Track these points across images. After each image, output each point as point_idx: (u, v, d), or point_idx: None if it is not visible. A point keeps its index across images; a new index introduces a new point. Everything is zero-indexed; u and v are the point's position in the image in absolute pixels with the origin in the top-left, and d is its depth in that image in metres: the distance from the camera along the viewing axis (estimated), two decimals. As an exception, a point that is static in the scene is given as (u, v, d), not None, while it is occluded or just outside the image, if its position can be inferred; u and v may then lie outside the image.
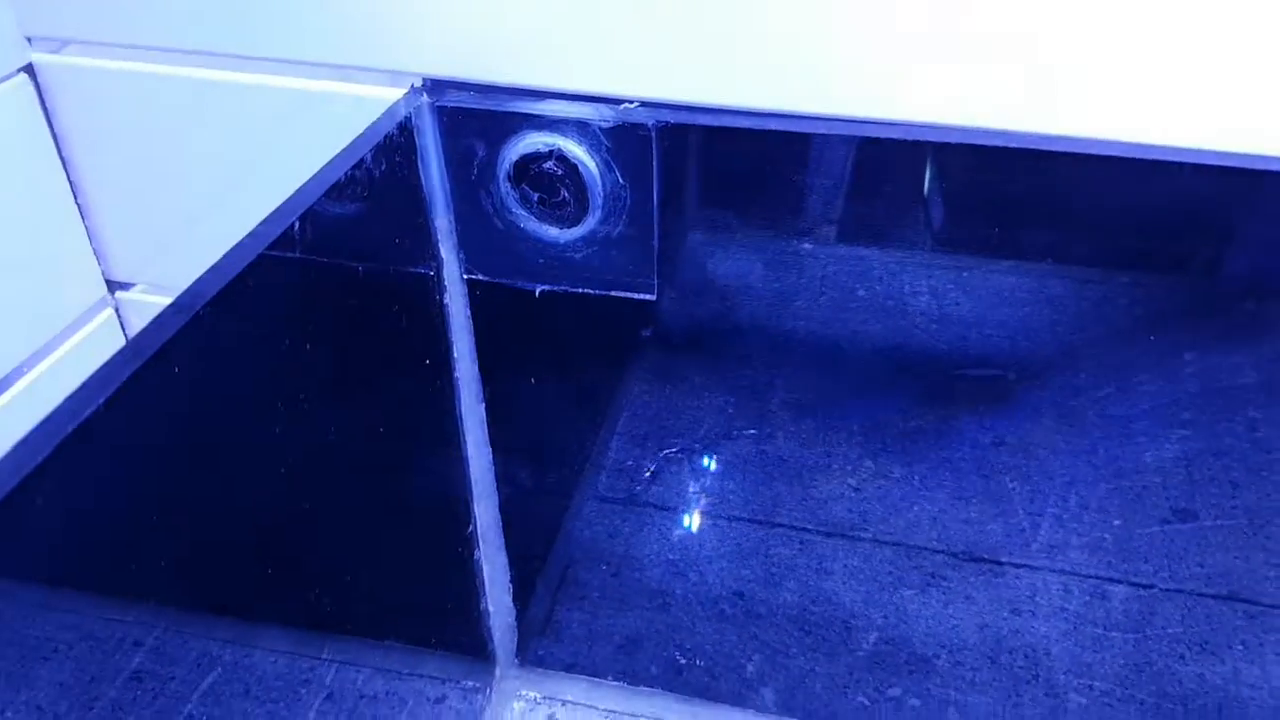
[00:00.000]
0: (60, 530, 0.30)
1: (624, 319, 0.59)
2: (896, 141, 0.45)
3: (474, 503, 0.61)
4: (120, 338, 0.61)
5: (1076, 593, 0.64)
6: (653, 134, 0.46)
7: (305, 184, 0.41)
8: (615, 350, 0.66)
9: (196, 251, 0.36)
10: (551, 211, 0.49)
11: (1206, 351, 0.59)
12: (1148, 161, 0.43)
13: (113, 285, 0.59)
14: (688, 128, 0.46)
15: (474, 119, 0.48)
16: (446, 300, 0.53)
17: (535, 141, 0.48)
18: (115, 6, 0.49)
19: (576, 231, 0.50)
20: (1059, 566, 0.64)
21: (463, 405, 0.57)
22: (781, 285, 0.59)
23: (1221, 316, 0.58)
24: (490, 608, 0.66)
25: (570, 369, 0.61)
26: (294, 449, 0.43)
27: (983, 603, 0.64)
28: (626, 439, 0.67)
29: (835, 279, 0.59)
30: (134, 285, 0.59)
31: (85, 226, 0.56)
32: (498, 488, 0.62)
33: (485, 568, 0.64)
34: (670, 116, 0.46)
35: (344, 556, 0.49)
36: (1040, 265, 0.58)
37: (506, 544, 0.64)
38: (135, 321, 0.60)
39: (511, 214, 0.50)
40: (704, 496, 0.67)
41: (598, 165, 0.48)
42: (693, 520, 0.68)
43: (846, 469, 0.66)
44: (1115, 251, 0.56)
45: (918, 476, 0.65)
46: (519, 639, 0.69)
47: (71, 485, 0.29)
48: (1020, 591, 0.64)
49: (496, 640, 0.67)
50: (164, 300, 0.38)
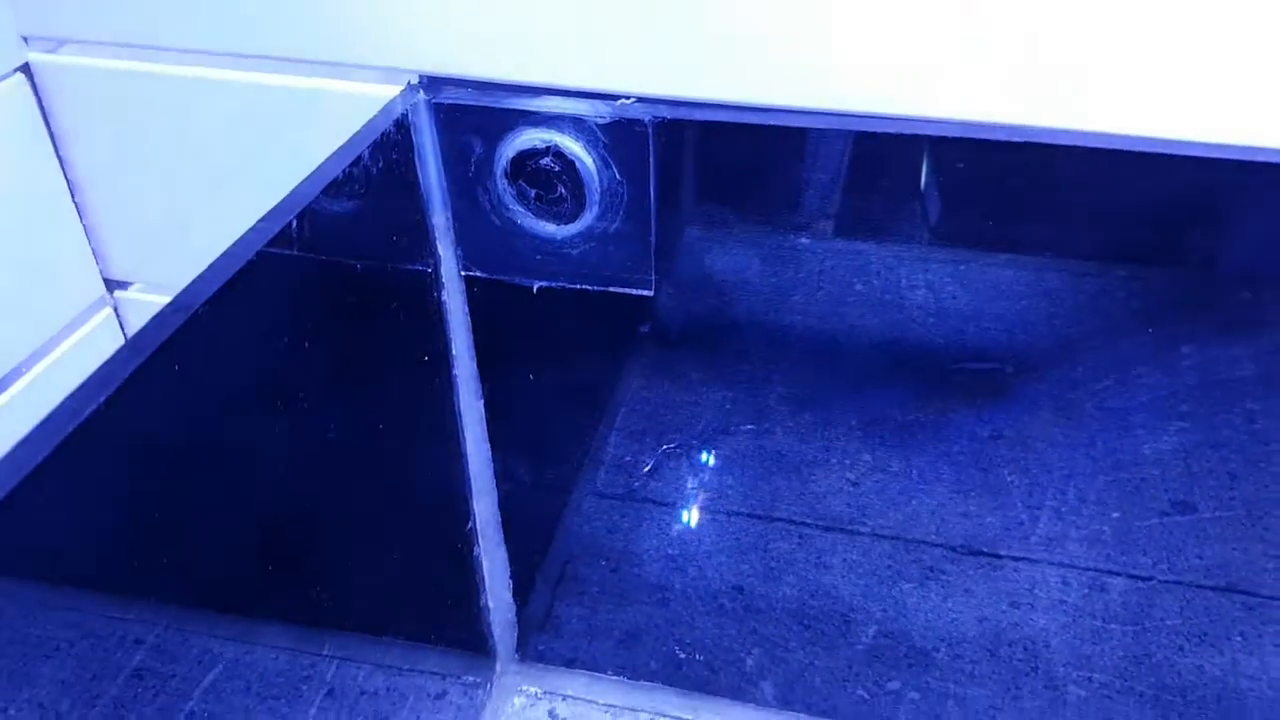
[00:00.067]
0: (61, 529, 0.30)
1: (621, 315, 0.59)
2: (893, 136, 0.45)
3: (473, 499, 0.61)
4: (119, 337, 0.61)
5: (1075, 585, 0.64)
6: (649, 130, 0.46)
7: (302, 182, 0.41)
8: (613, 346, 0.66)
9: (194, 250, 0.36)
10: (549, 208, 0.49)
11: (1204, 344, 0.59)
12: (1145, 154, 0.43)
13: (111, 284, 0.59)
14: (684, 123, 0.46)
15: (471, 115, 0.48)
16: (444, 297, 0.53)
17: (532, 138, 0.48)
18: (111, 6, 0.49)
19: (574, 227, 0.50)
20: (1057, 559, 0.64)
21: (461, 401, 0.57)
22: (779, 280, 0.59)
23: (1219, 309, 0.58)
24: (490, 603, 0.66)
25: (568, 365, 0.61)
26: (293, 446, 0.43)
27: (981, 596, 0.65)
28: (625, 434, 0.67)
29: (832, 274, 0.59)
30: (132, 284, 0.59)
31: (83, 226, 0.56)
32: (497, 484, 0.62)
33: (485, 564, 0.64)
34: (667, 112, 0.46)
35: (344, 553, 0.49)
36: (1037, 258, 0.58)
37: (506, 540, 0.64)
38: (134, 320, 0.60)
39: (509, 210, 0.50)
40: (702, 491, 0.67)
41: (595, 161, 0.48)
42: (691, 515, 0.68)
43: (845, 463, 0.66)
44: (1112, 244, 0.56)
45: (916, 470, 0.65)
46: (519, 634, 0.69)
47: (71, 484, 0.29)
48: (1019, 584, 0.64)
49: (496, 636, 0.67)
50: (162, 299, 0.38)
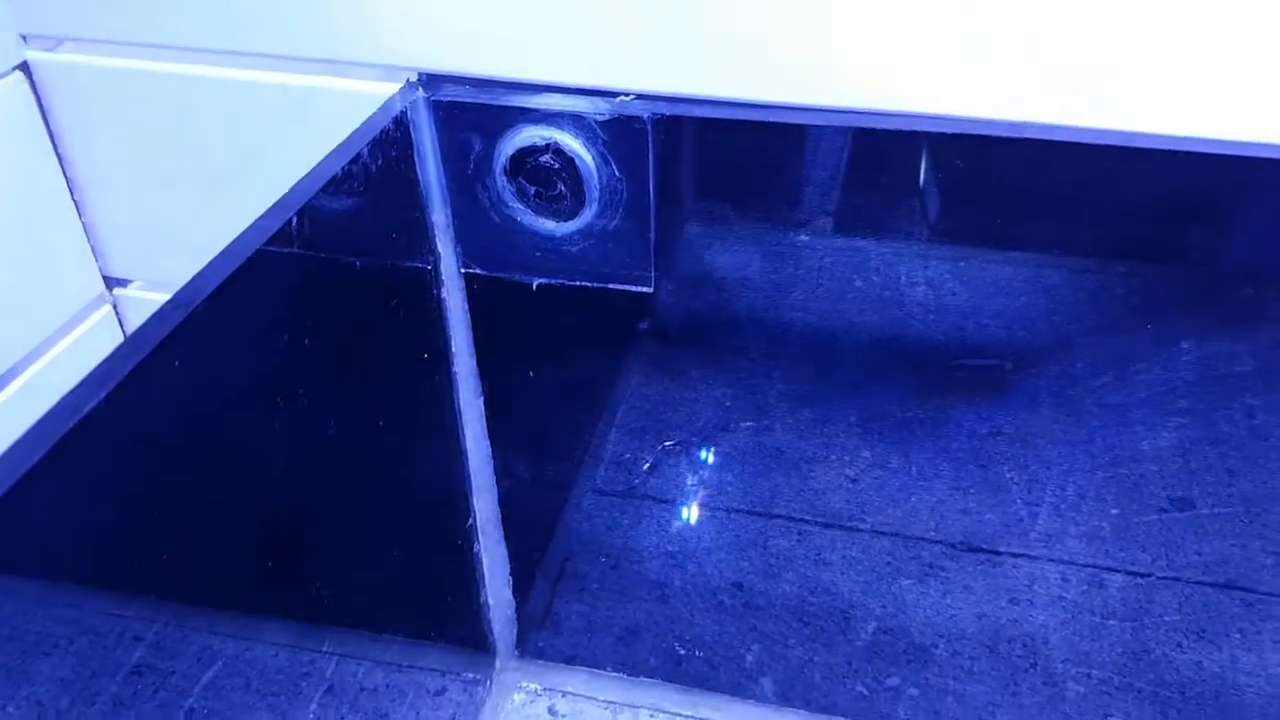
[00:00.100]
0: (60, 526, 0.30)
1: (621, 312, 0.59)
2: (892, 132, 0.45)
3: (473, 496, 0.61)
4: (118, 334, 0.61)
5: (1074, 582, 0.64)
6: (648, 127, 0.46)
7: (302, 179, 0.41)
8: (612, 343, 0.65)
9: (194, 248, 0.36)
10: (548, 205, 0.49)
11: (1204, 340, 0.59)
12: (1144, 150, 0.43)
13: (110, 282, 0.59)
14: (683, 120, 0.46)
15: (470, 113, 0.48)
16: (444, 294, 0.53)
17: (531, 135, 0.48)
18: (110, 4, 0.48)
19: (573, 225, 0.50)
20: (1057, 556, 0.64)
21: (461, 399, 0.57)
22: (778, 277, 0.59)
23: (1219, 305, 0.58)
24: (490, 600, 0.66)
25: (568, 362, 0.61)
26: (293, 444, 0.43)
27: (980, 592, 0.65)
28: (624, 431, 0.67)
29: (832, 270, 0.59)
30: (131, 282, 0.59)
31: (82, 223, 0.56)
32: (497, 481, 0.62)
33: (485, 560, 0.64)
34: (666, 109, 0.46)
35: (344, 550, 0.49)
36: (1037, 255, 0.58)
37: (506, 537, 0.64)
38: (133, 318, 0.60)
39: (508, 208, 0.50)
40: (702, 488, 0.67)
41: (594, 158, 0.48)
42: (691, 512, 0.68)
43: (844, 460, 0.66)
44: (1112, 240, 0.56)
45: (915, 467, 0.65)
46: (519, 631, 0.69)
47: (71, 481, 0.29)
48: (1018, 581, 0.64)
49: (496, 632, 0.68)
50: (161, 296, 0.38)
